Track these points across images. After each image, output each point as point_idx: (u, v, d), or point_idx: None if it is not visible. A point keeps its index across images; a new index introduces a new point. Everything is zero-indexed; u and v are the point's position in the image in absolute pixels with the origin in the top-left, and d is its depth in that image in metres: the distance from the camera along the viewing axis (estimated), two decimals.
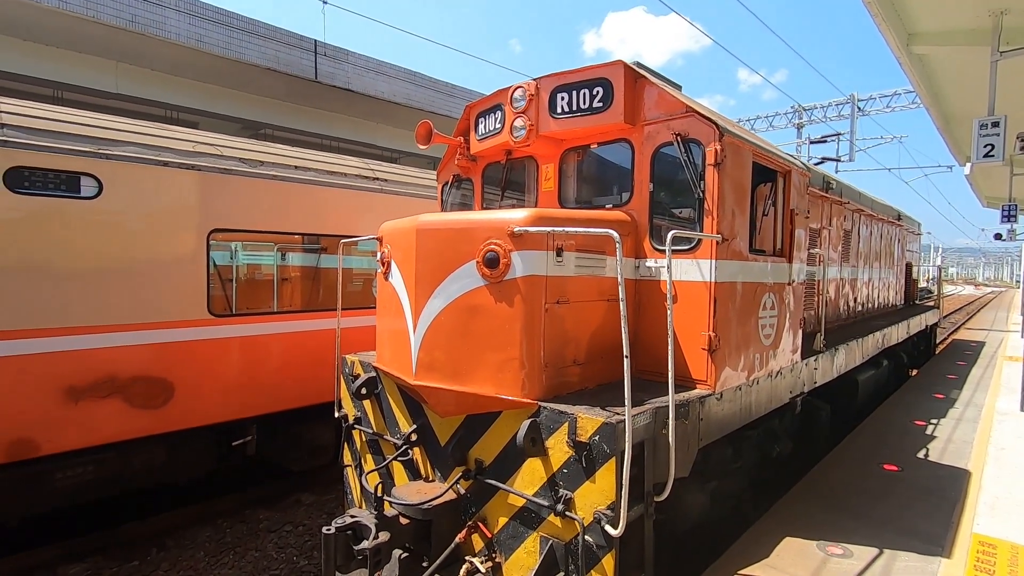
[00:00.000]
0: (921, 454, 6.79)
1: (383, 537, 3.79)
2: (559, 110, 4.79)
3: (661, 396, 3.75)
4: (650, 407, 3.63)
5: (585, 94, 4.65)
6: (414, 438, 4.41)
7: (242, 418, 6.75)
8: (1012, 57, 9.23)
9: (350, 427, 5.23)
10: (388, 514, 3.93)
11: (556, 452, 3.52)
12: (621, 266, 3.34)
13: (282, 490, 7.75)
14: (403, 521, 3.95)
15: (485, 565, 3.80)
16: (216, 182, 6.52)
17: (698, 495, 4.49)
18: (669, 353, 3.48)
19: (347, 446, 5.33)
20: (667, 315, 3.60)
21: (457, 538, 3.89)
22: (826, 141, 15.56)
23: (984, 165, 9.86)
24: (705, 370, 4.19)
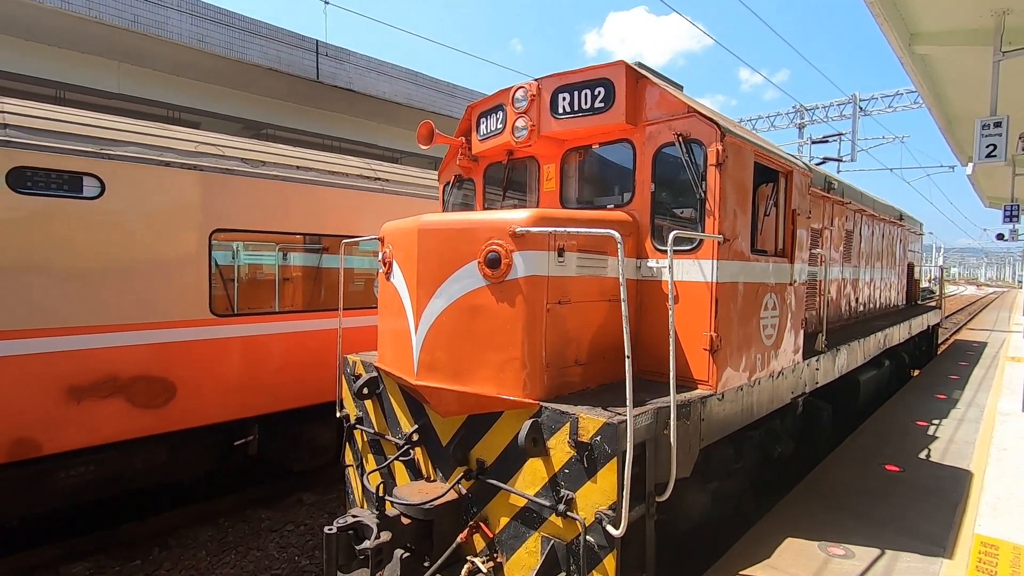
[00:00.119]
0: (923, 454, 6.77)
1: (385, 537, 3.80)
2: (561, 110, 4.79)
3: (663, 396, 3.75)
4: (652, 407, 3.63)
5: (587, 94, 4.65)
6: (415, 438, 4.42)
7: (244, 418, 6.76)
8: (1014, 57, 9.22)
9: (352, 427, 5.24)
10: (390, 514, 3.93)
11: (557, 452, 3.52)
12: (623, 266, 3.34)
13: (283, 490, 7.75)
14: (405, 521, 3.96)
15: (486, 565, 3.80)
16: (218, 182, 6.53)
17: (699, 495, 4.49)
18: (671, 353, 3.48)
19: (348, 446, 5.33)
20: (668, 315, 3.60)
21: (459, 538, 3.90)
22: (828, 141, 15.54)
23: (986, 165, 9.85)
24: (707, 370, 4.19)
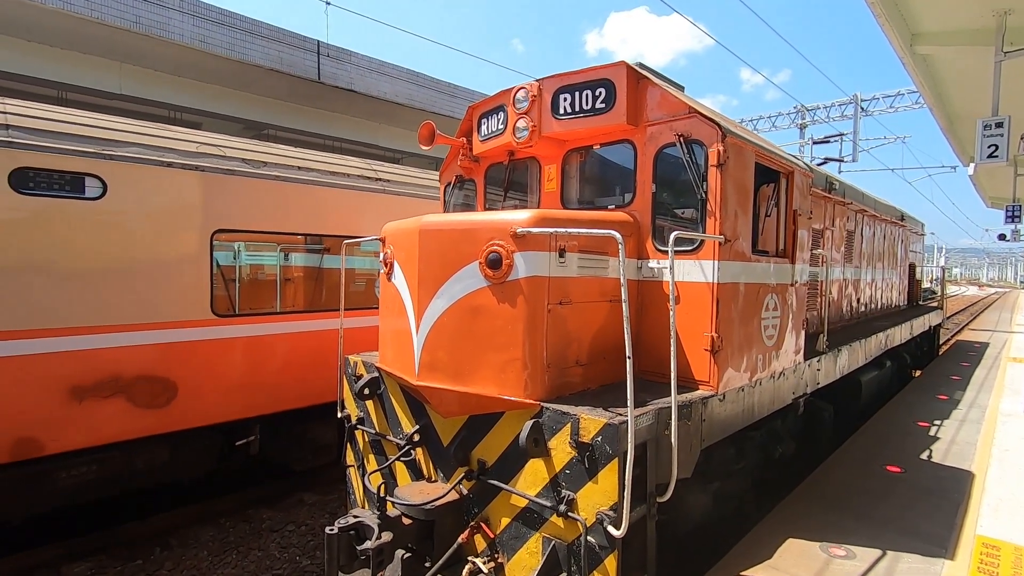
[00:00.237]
0: (924, 455, 6.76)
1: (386, 537, 3.80)
2: (562, 111, 4.79)
3: (664, 397, 3.75)
4: (653, 408, 3.63)
5: (588, 95, 4.65)
6: (417, 438, 4.42)
7: (245, 418, 6.77)
8: (1016, 57, 9.22)
9: (353, 427, 5.24)
10: (391, 514, 3.93)
11: (559, 453, 3.52)
12: (624, 267, 3.34)
13: (284, 490, 7.76)
14: (406, 521, 3.96)
15: (487, 565, 3.80)
16: (219, 183, 6.54)
17: (700, 496, 4.49)
18: (672, 354, 3.48)
19: (350, 446, 5.34)
20: (670, 316, 3.60)
21: (460, 538, 3.90)
22: (829, 141, 15.51)
23: (988, 165, 9.84)
24: (708, 371, 4.18)
